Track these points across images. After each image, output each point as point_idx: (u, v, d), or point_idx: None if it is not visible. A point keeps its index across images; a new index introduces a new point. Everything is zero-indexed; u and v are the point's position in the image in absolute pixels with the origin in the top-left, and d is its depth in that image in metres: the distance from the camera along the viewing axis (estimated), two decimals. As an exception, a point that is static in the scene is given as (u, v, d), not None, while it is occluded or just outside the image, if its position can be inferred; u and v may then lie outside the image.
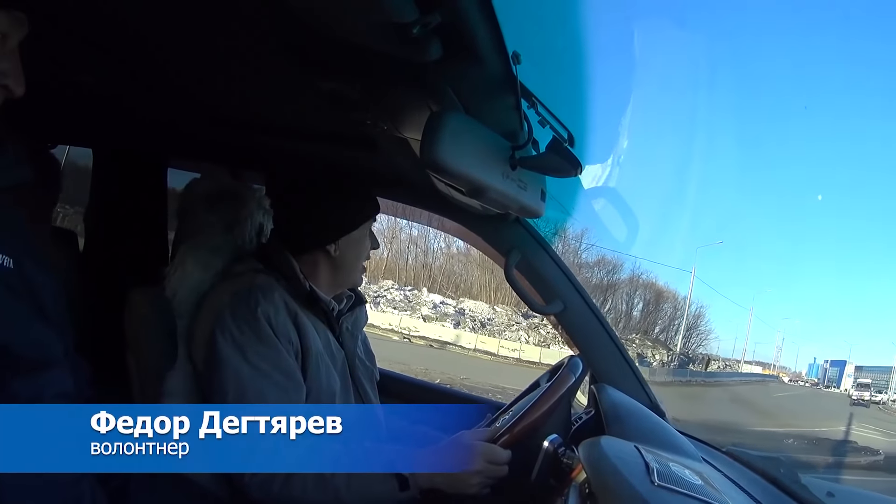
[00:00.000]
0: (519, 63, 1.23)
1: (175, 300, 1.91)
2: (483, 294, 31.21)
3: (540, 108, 1.37)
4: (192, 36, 1.46)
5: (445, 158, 1.27)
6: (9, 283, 1.09)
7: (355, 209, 1.94)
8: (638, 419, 1.78)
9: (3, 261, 1.09)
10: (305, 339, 1.81)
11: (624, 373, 2.19)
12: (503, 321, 29.39)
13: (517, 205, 1.55)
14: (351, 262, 1.95)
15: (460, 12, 1.06)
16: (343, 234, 1.92)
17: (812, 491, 1.64)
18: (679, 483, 1.22)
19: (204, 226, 1.99)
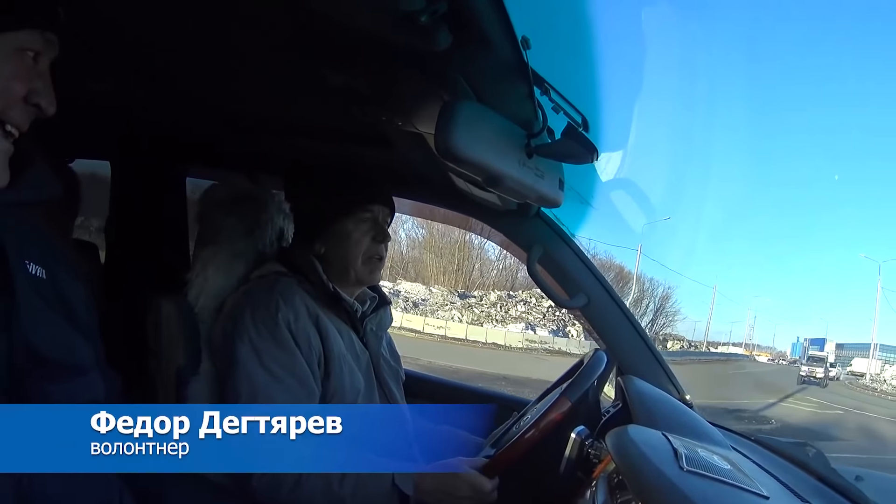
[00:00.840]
0: (529, 48, 1.21)
1: (198, 306, 1.92)
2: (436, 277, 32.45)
3: (553, 94, 1.35)
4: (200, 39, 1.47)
5: (460, 147, 1.26)
6: (42, 292, 1.11)
7: (334, 202, 1.91)
8: (665, 409, 1.76)
9: (36, 271, 1.11)
10: (328, 342, 1.81)
11: (650, 364, 2.19)
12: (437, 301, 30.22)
13: (535, 194, 1.53)
14: (342, 257, 1.92)
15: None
16: (322, 229, 1.92)
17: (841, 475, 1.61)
18: (708, 468, 1.20)
19: (224, 231, 1.99)
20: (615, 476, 1.47)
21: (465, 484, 1.70)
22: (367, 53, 1.25)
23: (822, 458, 1.72)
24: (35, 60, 1.05)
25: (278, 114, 2.01)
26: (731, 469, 1.25)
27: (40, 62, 1.06)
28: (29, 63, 1.04)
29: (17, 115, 1.04)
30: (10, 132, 1.04)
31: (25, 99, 1.04)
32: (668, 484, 1.11)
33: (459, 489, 1.70)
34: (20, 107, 1.03)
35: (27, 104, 1.04)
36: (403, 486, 1.68)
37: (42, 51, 1.05)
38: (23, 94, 1.03)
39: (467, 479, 1.71)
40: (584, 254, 2.22)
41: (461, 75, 1.30)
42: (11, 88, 1.01)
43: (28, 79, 1.03)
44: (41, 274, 1.12)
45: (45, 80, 1.06)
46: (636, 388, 1.88)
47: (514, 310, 31.38)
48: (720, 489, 1.15)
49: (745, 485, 1.19)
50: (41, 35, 1.04)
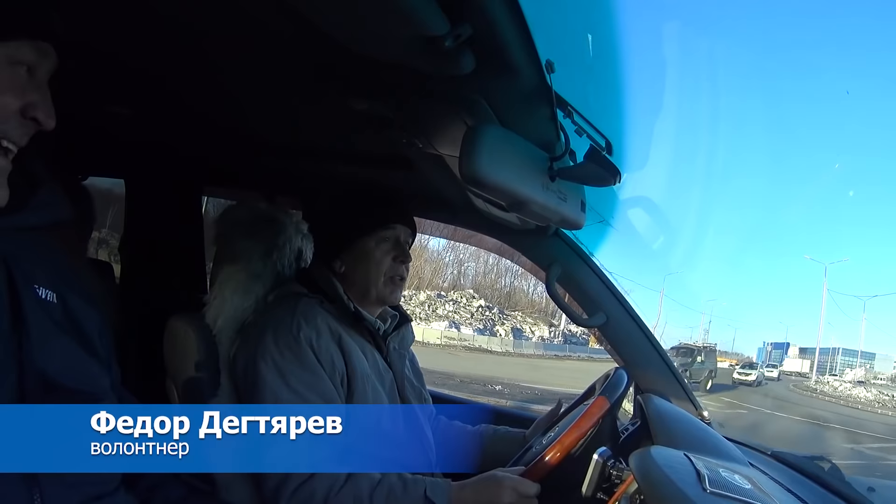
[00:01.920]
0: (553, 72, 1.20)
1: (216, 327, 1.91)
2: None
3: (576, 117, 1.34)
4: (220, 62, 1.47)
5: (485, 173, 1.25)
6: (54, 317, 1.10)
7: (354, 222, 1.92)
8: (685, 427, 1.76)
9: (46, 295, 1.10)
10: (351, 362, 1.81)
11: (669, 382, 2.17)
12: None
13: (558, 217, 1.52)
14: (362, 277, 1.92)
15: (491, 22, 1.04)
16: (342, 249, 1.92)
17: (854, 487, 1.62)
18: (730, 488, 1.22)
19: (242, 252, 1.98)
20: (638, 496, 1.46)
21: (507, 490, 1.68)
22: (390, 78, 1.25)
23: (836, 471, 1.76)
24: (30, 73, 1.01)
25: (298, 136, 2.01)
26: (751, 488, 1.26)
27: (36, 74, 1.02)
28: (22, 76, 1.00)
29: (12, 130, 1.00)
30: (8, 148, 1.01)
31: (22, 113, 1.00)
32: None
33: (502, 496, 1.67)
34: (16, 121, 1.00)
35: (24, 118, 1.01)
36: (436, 498, 1.67)
37: (36, 62, 1.02)
38: (17, 107, 0.99)
39: (510, 483, 1.69)
40: (603, 272, 2.20)
41: (484, 99, 1.29)
42: (4, 103, 0.98)
43: (22, 92, 1.00)
44: (52, 298, 1.11)
45: (42, 93, 1.02)
46: (656, 407, 1.88)
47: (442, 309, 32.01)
48: None
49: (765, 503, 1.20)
50: (33, 46, 1.00)
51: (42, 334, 1.05)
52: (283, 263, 2.04)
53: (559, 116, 1.33)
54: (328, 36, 1.14)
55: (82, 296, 1.19)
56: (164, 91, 1.74)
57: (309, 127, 1.86)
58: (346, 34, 1.13)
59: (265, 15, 1.14)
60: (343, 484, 1.66)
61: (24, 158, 1.06)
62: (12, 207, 1.05)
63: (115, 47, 1.46)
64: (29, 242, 1.10)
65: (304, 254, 2.11)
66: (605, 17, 1.41)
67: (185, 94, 1.75)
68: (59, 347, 1.09)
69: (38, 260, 1.11)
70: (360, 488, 1.66)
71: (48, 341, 1.06)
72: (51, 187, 1.12)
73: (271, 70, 1.45)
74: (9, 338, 1.01)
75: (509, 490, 1.68)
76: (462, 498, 1.69)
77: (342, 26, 1.11)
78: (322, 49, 1.21)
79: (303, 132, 1.93)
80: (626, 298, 2.20)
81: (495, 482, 1.70)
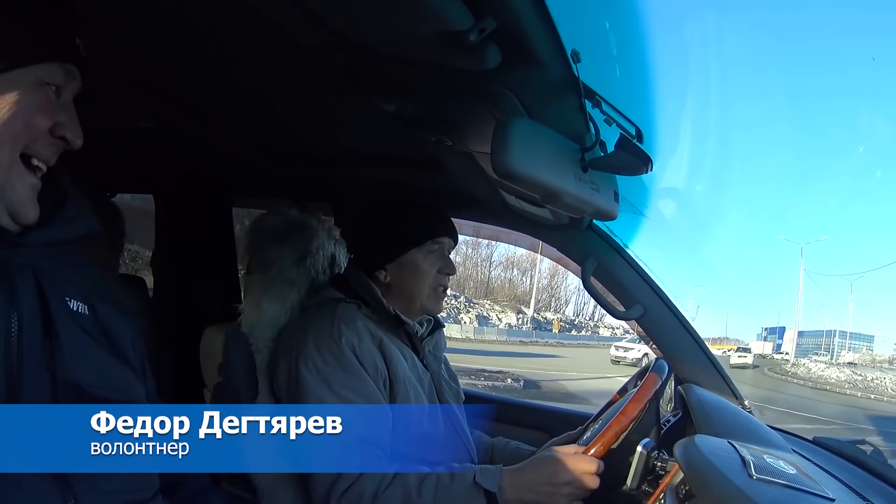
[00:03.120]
0: (579, 62, 1.19)
1: (252, 336, 1.92)
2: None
3: (605, 107, 1.33)
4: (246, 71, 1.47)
5: (517, 166, 1.24)
6: (86, 328, 1.11)
7: (402, 234, 1.92)
8: (727, 416, 1.77)
9: (78, 307, 1.11)
10: (392, 366, 1.81)
11: (708, 372, 2.17)
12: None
13: (592, 208, 1.50)
14: (407, 288, 1.93)
15: (515, 15, 1.03)
16: (389, 260, 1.92)
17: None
18: (776, 474, 1.21)
19: (276, 260, 1.99)
20: (683, 486, 1.47)
21: (565, 468, 1.65)
22: (417, 77, 1.25)
23: (879, 455, 1.75)
24: (57, 94, 1.04)
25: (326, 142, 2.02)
26: (796, 474, 1.26)
27: (63, 95, 1.05)
28: (51, 97, 1.03)
29: (43, 149, 1.03)
30: (38, 167, 1.04)
31: (51, 132, 1.03)
32: (739, 493, 1.12)
33: (560, 474, 1.65)
34: (46, 140, 1.03)
35: (53, 137, 1.04)
36: (486, 484, 1.65)
37: (63, 83, 1.05)
38: (47, 127, 1.03)
39: (568, 461, 1.66)
40: (639, 264, 2.18)
41: (511, 92, 1.28)
42: (36, 123, 1.01)
43: (52, 112, 1.03)
44: (83, 310, 1.12)
45: (70, 113, 1.06)
46: (697, 397, 1.87)
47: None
48: (789, 495, 1.16)
49: (811, 488, 1.20)
50: (60, 67, 1.03)
51: (74, 346, 1.06)
52: (317, 269, 2.04)
53: (587, 107, 1.32)
54: (353, 38, 1.14)
55: (114, 307, 1.19)
56: (189, 104, 1.76)
57: (338, 132, 1.86)
58: (370, 35, 1.13)
59: (289, 22, 1.14)
60: (391, 480, 1.66)
61: (52, 175, 1.08)
62: (40, 223, 1.07)
63: (140, 62, 1.48)
64: (58, 256, 1.11)
65: (338, 259, 2.12)
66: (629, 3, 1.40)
67: (211, 105, 1.76)
68: (91, 358, 1.10)
69: (69, 273, 1.12)
70: (408, 483, 1.66)
71: (80, 352, 1.07)
72: (77, 202, 1.13)
73: (297, 77, 1.46)
74: (41, 350, 1.01)
75: (568, 469, 1.65)
76: (515, 480, 1.67)
77: (366, 28, 1.11)
78: (348, 52, 1.20)
79: (332, 137, 1.94)
80: (662, 290, 2.18)
81: (553, 460, 1.67)
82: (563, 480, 1.64)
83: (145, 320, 2.51)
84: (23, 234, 1.04)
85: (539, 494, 1.64)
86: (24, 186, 1.03)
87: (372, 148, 1.97)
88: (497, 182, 1.77)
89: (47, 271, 1.06)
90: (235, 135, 2.01)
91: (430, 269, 1.93)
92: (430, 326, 2.05)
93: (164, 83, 1.61)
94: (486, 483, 1.65)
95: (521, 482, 1.66)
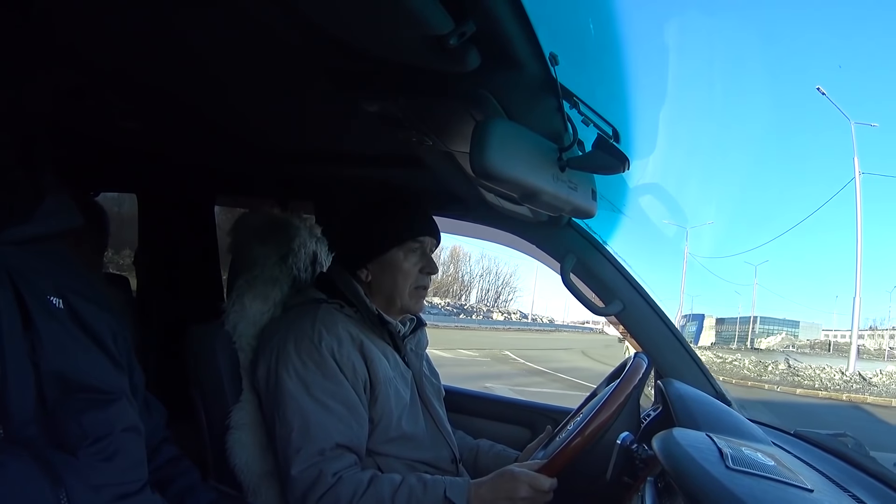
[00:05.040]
0: (557, 64, 1.21)
1: (235, 334, 1.93)
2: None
3: (582, 108, 1.35)
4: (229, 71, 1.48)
5: (496, 166, 1.26)
6: (62, 323, 1.13)
7: (383, 232, 1.93)
8: (706, 409, 1.77)
9: (55, 302, 1.13)
10: (373, 368, 1.83)
11: (688, 366, 2.19)
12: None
13: (570, 206, 1.52)
14: (388, 287, 1.94)
15: (494, 19, 1.05)
16: (370, 258, 1.94)
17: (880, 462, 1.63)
18: (753, 465, 1.23)
19: (258, 258, 2.00)
20: (662, 479, 1.49)
21: (523, 484, 1.70)
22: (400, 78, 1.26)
23: (860, 447, 1.76)
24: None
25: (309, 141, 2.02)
26: (774, 465, 1.27)
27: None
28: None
29: None
30: None
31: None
32: (716, 483, 1.13)
33: (518, 490, 1.70)
34: None
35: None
36: (455, 498, 1.70)
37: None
38: None
39: (525, 478, 1.71)
40: (617, 260, 2.21)
41: (491, 94, 1.30)
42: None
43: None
44: (59, 304, 1.13)
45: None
46: (676, 391, 1.88)
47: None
48: (766, 485, 1.17)
49: (789, 479, 1.21)
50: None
51: (53, 338, 1.08)
52: (299, 267, 2.06)
53: (565, 107, 1.34)
54: (336, 40, 1.15)
55: (93, 302, 1.21)
56: (173, 103, 1.76)
57: (320, 131, 1.87)
58: (353, 38, 1.14)
59: (273, 22, 1.15)
60: (366, 488, 1.70)
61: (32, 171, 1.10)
62: (19, 219, 1.09)
63: (123, 63, 1.48)
64: (36, 253, 1.13)
65: (319, 257, 2.13)
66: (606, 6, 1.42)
67: (195, 105, 1.76)
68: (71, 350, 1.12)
69: (46, 268, 1.14)
70: (381, 492, 1.70)
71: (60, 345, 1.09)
72: (56, 196, 1.15)
73: (281, 77, 1.47)
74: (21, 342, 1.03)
75: (525, 485, 1.71)
76: (480, 495, 1.72)
77: (350, 30, 1.12)
78: (331, 53, 1.21)
79: (314, 137, 1.95)
80: (641, 285, 2.21)
81: (511, 477, 1.73)
82: (520, 496, 1.70)
83: (129, 318, 2.51)
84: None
85: None
86: None
87: (354, 147, 1.98)
88: (477, 181, 1.78)
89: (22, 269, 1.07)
90: (218, 134, 2.01)
91: (411, 268, 1.94)
92: (413, 325, 2.07)
93: (147, 84, 1.62)
94: (455, 497, 1.70)
95: (485, 496, 1.72)
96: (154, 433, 1.40)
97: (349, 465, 1.74)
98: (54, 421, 1.05)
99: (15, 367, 1.01)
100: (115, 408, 1.15)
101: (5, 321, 1.01)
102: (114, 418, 1.14)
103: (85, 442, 1.07)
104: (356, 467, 1.76)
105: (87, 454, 1.07)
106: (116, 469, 1.12)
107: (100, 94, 1.68)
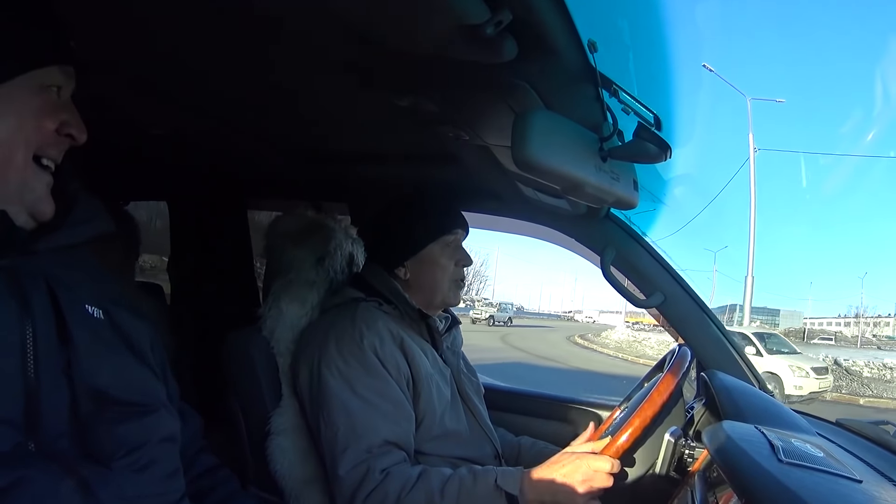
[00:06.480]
0: (595, 51, 1.18)
1: (273, 338, 1.92)
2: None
3: (622, 95, 1.32)
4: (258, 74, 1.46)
5: (538, 158, 1.23)
6: (102, 333, 1.12)
7: (420, 229, 1.94)
8: (752, 401, 1.74)
9: (93, 312, 1.12)
10: (415, 365, 1.82)
11: (730, 357, 2.16)
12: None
13: (613, 197, 1.49)
14: (427, 282, 1.95)
15: (530, 6, 1.02)
16: (408, 256, 1.94)
17: None
18: (804, 458, 1.21)
19: (294, 262, 2.00)
20: (712, 472, 1.49)
21: (579, 467, 1.65)
22: (433, 71, 1.23)
23: None
24: (59, 94, 1.09)
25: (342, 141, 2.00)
26: (823, 457, 1.26)
27: (64, 94, 1.10)
28: (54, 97, 1.08)
29: (51, 149, 1.08)
30: (48, 166, 1.07)
31: (57, 131, 1.07)
32: (769, 477, 1.11)
33: (579, 468, 1.64)
34: (54, 139, 1.07)
35: (60, 136, 1.08)
36: (507, 486, 1.65)
37: (63, 84, 1.09)
38: (54, 127, 1.07)
39: (583, 459, 1.66)
40: (657, 252, 2.17)
41: (528, 84, 1.27)
42: (44, 125, 1.05)
43: (56, 112, 1.07)
44: (99, 315, 1.13)
45: (71, 110, 1.10)
46: (722, 383, 1.86)
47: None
48: (818, 478, 1.15)
49: (839, 471, 1.19)
50: (60, 70, 1.08)
51: (90, 350, 1.06)
52: (336, 269, 2.05)
53: (605, 96, 1.31)
54: (366, 35, 1.13)
55: (130, 309, 1.21)
56: (201, 107, 1.75)
57: (352, 130, 1.85)
58: (384, 32, 1.12)
59: (301, 21, 1.13)
60: (415, 482, 1.67)
61: (61, 179, 1.11)
62: (51, 227, 1.09)
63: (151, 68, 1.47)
64: (71, 260, 1.12)
65: (356, 259, 2.12)
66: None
67: (224, 107, 1.75)
68: (109, 361, 1.10)
69: (82, 277, 1.14)
70: (431, 485, 1.66)
71: (97, 356, 1.08)
72: (87, 203, 1.15)
73: (311, 76, 1.45)
74: (57, 356, 1.02)
75: (586, 464, 1.65)
76: (534, 482, 1.67)
77: (381, 25, 1.10)
78: (361, 49, 1.19)
79: (346, 136, 1.93)
80: (682, 277, 2.17)
81: (568, 459, 1.68)
82: (578, 480, 1.63)
83: (164, 326, 2.52)
84: (33, 240, 1.06)
85: (556, 494, 1.64)
86: (41, 185, 1.06)
87: (387, 145, 1.96)
88: (515, 174, 1.76)
89: (60, 277, 1.07)
90: (248, 136, 2.00)
91: (448, 262, 1.96)
92: (448, 323, 2.07)
93: (176, 88, 1.61)
94: (507, 486, 1.65)
95: (540, 482, 1.66)
96: (191, 443, 1.39)
97: (398, 462, 1.71)
98: (87, 432, 1.03)
99: (49, 377, 0.99)
100: (150, 418, 1.14)
101: (41, 335, 1.00)
102: (150, 428, 1.13)
103: (119, 452, 1.06)
104: (405, 464, 1.73)
105: (121, 465, 1.05)
106: (151, 480, 1.10)
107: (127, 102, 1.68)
